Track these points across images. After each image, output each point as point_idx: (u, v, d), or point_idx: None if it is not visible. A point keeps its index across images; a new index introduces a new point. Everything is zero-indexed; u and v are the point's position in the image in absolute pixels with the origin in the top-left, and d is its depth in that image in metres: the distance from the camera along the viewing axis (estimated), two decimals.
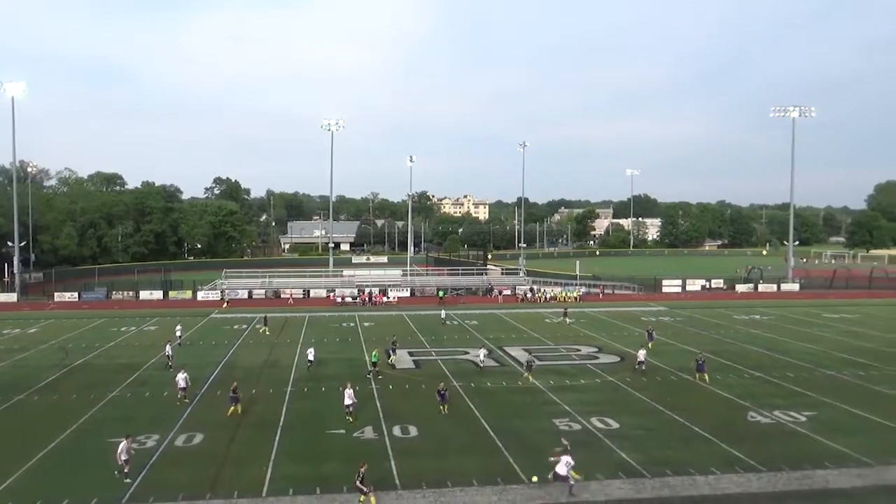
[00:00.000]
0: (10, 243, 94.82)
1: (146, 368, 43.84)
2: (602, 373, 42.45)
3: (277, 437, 29.51)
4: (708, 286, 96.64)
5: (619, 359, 46.87)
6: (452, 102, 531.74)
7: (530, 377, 39.70)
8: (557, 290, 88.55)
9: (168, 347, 45.15)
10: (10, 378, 41.34)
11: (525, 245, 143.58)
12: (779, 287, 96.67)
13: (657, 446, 28.21)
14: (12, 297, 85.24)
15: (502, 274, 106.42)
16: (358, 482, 22.19)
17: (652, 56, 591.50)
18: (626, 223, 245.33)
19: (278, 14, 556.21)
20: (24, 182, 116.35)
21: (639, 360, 42.54)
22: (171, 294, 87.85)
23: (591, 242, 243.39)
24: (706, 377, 39.40)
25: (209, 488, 23.68)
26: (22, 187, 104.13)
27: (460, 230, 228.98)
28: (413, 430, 30.39)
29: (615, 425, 31.16)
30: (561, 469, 23.47)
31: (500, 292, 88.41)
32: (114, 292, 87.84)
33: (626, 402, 35.56)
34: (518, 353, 48.96)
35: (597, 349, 50.61)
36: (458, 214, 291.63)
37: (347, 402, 31.68)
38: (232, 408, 32.78)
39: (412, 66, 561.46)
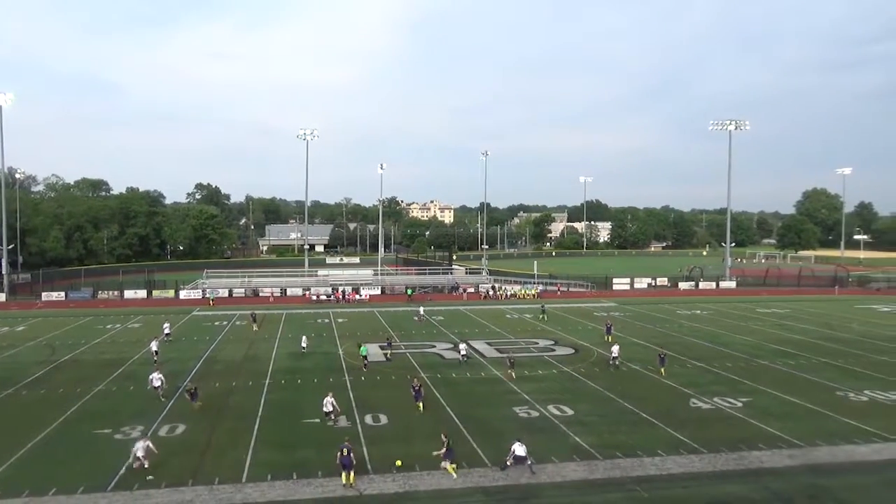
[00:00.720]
0: None
1: (131, 364, 42.98)
2: (558, 364, 42.73)
3: (256, 427, 29.15)
4: (654, 284, 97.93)
5: (573, 351, 47.22)
6: (419, 115, 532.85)
7: (513, 373, 38.55)
8: (517, 287, 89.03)
9: (154, 343, 44.35)
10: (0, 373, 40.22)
11: (487, 247, 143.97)
12: (717, 285, 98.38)
13: (609, 431, 28.49)
14: (1, 296, 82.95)
15: (466, 273, 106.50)
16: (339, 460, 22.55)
17: (603, 75, 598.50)
18: (580, 226, 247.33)
19: (256, 33, 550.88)
20: (12, 188, 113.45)
21: (613, 355, 41.40)
22: (155, 293, 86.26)
23: (548, 244, 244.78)
24: (662, 371, 39.38)
25: (191, 475, 23.29)
26: (9, 192, 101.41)
27: (427, 233, 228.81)
28: (384, 419, 30.27)
29: (570, 412, 31.38)
30: (520, 451, 23.60)
31: (465, 290, 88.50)
32: (99, 292, 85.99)
33: (580, 390, 35.83)
34: (481, 346, 49.06)
35: (553, 342, 50.92)
36: (426, 218, 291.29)
37: (328, 409, 29.42)
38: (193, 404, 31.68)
39: (381, 82, 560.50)
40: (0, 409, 32.28)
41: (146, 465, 23.49)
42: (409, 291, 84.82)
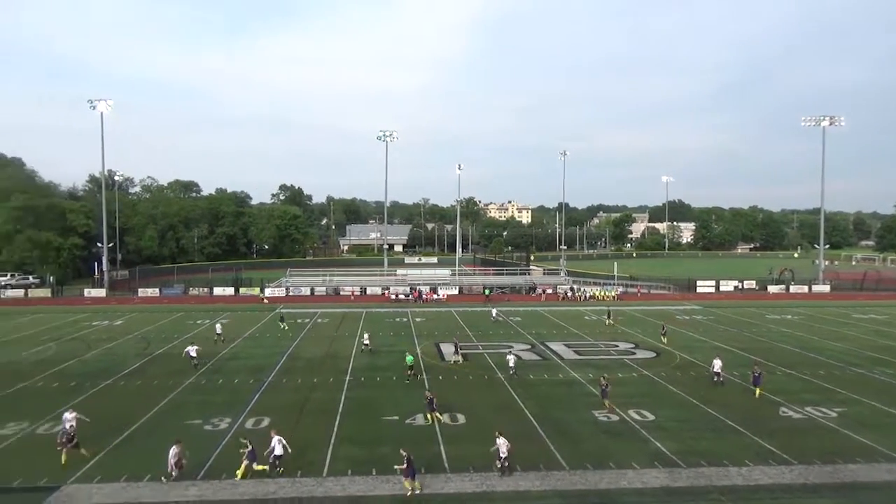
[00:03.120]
0: (99, 244, 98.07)
1: (219, 359, 44.71)
2: (639, 367, 41.79)
3: (337, 422, 29.82)
4: (741, 287, 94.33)
5: (655, 354, 46.07)
6: (496, 115, 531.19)
7: (607, 403, 32.21)
8: (596, 289, 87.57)
9: (191, 348, 42.17)
10: (100, 365, 42.70)
11: (566, 247, 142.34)
12: (810, 288, 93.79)
13: (692, 438, 27.63)
14: (102, 292, 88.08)
15: (544, 274, 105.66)
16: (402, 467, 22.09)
17: (678, 72, 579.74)
18: (662, 227, 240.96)
19: (335, 39, 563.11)
20: (112, 189, 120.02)
21: (714, 370, 37.39)
22: (241, 290, 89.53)
23: (628, 245, 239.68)
24: (757, 391, 34.55)
25: (275, 468, 24.02)
26: (110, 194, 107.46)
27: (505, 233, 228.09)
28: (461, 418, 30.37)
29: (651, 417, 30.63)
30: (503, 451, 23.36)
31: (543, 291, 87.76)
32: (190, 289, 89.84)
33: (661, 395, 34.92)
34: (559, 347, 48.55)
35: (634, 345, 49.83)
36: (503, 219, 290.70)
37: (278, 452, 23.71)
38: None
39: (457, 83, 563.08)
40: (100, 398, 34.26)
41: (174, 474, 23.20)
42: (487, 292, 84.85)
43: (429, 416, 29.89)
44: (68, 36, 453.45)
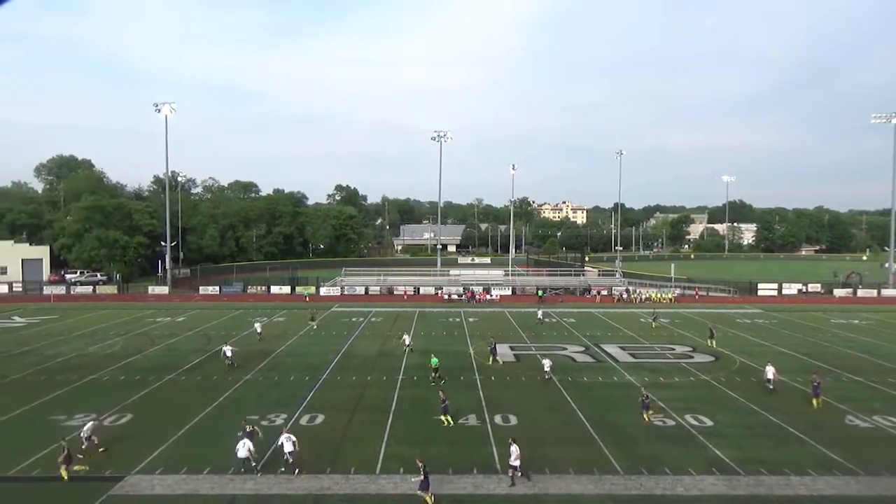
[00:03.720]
0: (163, 243, 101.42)
1: (276, 356, 45.68)
2: (696, 371, 40.87)
3: (390, 421, 30.10)
4: (805, 290, 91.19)
5: (713, 359, 44.97)
6: (550, 114, 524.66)
7: (646, 416, 30.45)
8: (653, 291, 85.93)
9: (227, 348, 42.62)
10: (162, 360, 44.17)
11: (621, 248, 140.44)
12: (879, 292, 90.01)
13: (751, 445, 26.87)
14: (165, 289, 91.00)
15: (599, 275, 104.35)
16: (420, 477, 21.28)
17: (746, 65, 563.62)
18: (721, 228, 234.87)
19: (387, 39, 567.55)
20: (175, 190, 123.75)
21: (767, 377, 35.95)
22: (298, 289, 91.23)
23: (686, 246, 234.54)
24: (815, 402, 32.65)
25: (329, 464, 24.43)
26: (173, 195, 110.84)
27: (559, 233, 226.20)
28: (513, 419, 30.27)
29: (709, 423, 29.91)
30: (515, 462, 22.69)
31: (598, 292, 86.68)
32: (249, 287, 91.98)
33: (719, 400, 34.07)
34: (614, 350, 47.90)
35: (691, 349, 48.76)
36: (557, 219, 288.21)
37: (289, 448, 23.94)
38: None
39: (510, 82, 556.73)
40: (162, 392, 35.41)
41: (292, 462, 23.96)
42: (541, 293, 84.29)
43: (446, 417, 29.70)
44: (134, 43, 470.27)
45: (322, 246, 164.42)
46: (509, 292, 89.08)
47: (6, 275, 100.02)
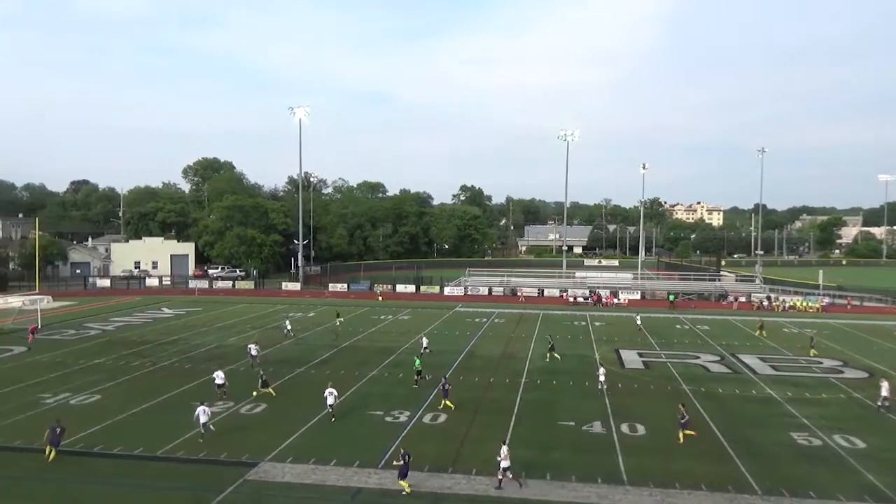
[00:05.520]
0: (296, 241, 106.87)
1: (400, 353, 46.82)
2: (847, 388, 37.80)
3: (512, 423, 30.03)
4: None
5: (867, 375, 41.41)
6: (682, 111, 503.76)
7: (682, 435, 27.89)
8: (797, 299, 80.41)
9: (252, 347, 42.47)
10: (294, 353, 46.49)
11: (762, 252, 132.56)
12: None
13: None
14: (297, 286, 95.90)
15: (737, 281, 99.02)
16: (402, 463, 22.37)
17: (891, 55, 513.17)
18: (879, 232, 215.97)
19: (515, 38, 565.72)
20: (308, 190, 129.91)
21: (882, 395, 33.00)
22: (422, 289, 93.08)
23: (837, 251, 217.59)
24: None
25: (451, 463, 24.72)
26: (305, 195, 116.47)
27: (693, 236, 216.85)
28: (641, 429, 29.32)
29: (861, 445, 27.55)
30: (505, 463, 22.44)
31: (735, 299, 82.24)
32: (375, 285, 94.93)
33: (874, 421, 31.31)
34: (752, 360, 45.27)
35: (841, 363, 45.16)
36: (691, 220, 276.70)
37: (330, 401, 30.15)
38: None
39: (640, 79, 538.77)
40: (294, 385, 37.22)
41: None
42: (672, 297, 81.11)
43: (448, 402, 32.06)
44: (268, 50, 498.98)
45: (446, 246, 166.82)
46: (638, 296, 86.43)
47: (157, 269, 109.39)
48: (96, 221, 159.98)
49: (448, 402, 32.30)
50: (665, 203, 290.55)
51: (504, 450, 22.86)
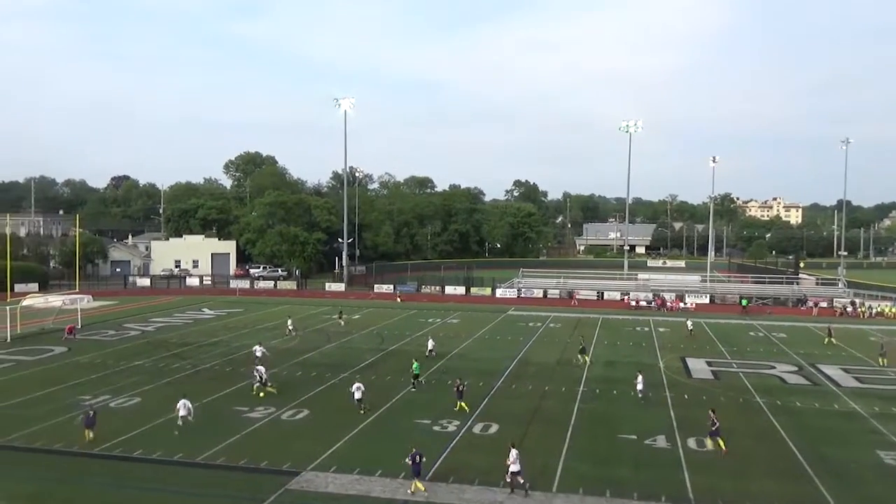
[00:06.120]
0: (340, 240, 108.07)
1: (448, 358, 46.95)
2: None
3: (568, 435, 29.78)
4: None
5: None
6: (758, 100, 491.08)
7: (709, 443, 28.50)
8: (886, 304, 77.64)
9: (258, 349, 44.27)
10: (338, 357, 47.07)
11: (846, 253, 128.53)
12: None
13: None
14: (341, 286, 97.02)
15: (817, 284, 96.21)
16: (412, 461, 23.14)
17: None
18: None
19: (572, 23, 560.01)
20: (353, 186, 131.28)
21: None
22: (473, 290, 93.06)
23: None
24: None
25: (502, 476, 24.62)
26: (350, 191, 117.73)
27: (768, 235, 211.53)
28: (709, 444, 28.71)
29: None
30: (514, 466, 22.56)
31: (816, 304, 79.88)
32: (423, 286, 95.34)
33: None
34: (834, 372, 43.89)
35: None
36: (766, 218, 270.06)
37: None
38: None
39: (712, 66, 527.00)
40: (339, 390, 37.52)
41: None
42: (744, 302, 79.19)
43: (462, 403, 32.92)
44: (310, 39, 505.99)
45: (499, 245, 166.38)
46: (707, 301, 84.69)
47: (198, 268, 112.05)
48: (136, 218, 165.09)
49: (463, 405, 32.86)
50: (737, 199, 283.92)
51: (513, 453, 23.07)
